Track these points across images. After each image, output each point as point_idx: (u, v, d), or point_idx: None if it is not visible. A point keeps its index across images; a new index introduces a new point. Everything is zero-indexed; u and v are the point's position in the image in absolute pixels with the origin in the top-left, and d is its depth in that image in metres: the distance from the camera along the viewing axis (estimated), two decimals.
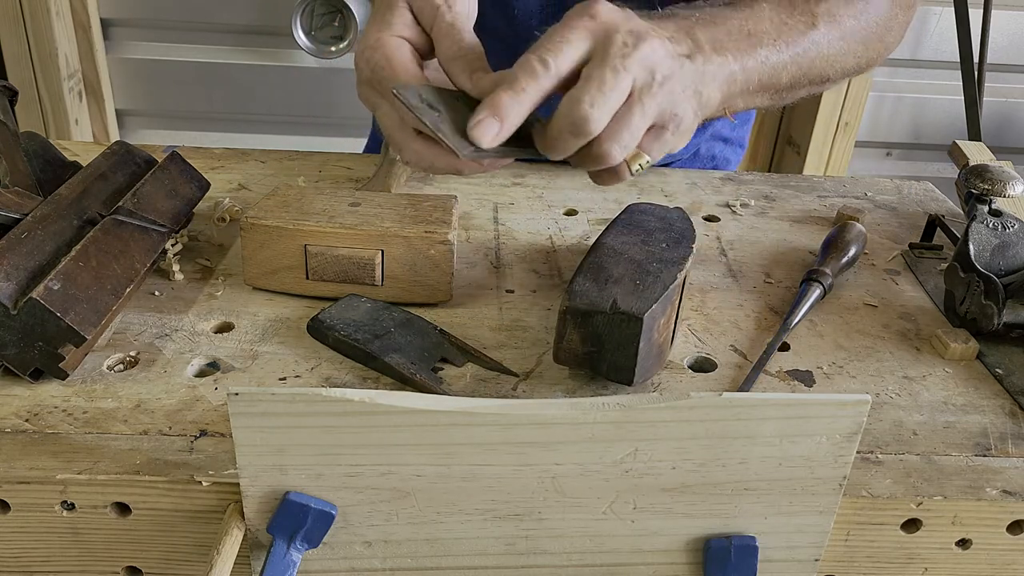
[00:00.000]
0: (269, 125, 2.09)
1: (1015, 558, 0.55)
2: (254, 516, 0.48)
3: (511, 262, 0.77)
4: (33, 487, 0.49)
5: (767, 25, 0.68)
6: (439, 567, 0.50)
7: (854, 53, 0.75)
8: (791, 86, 0.71)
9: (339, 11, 1.92)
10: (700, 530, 0.49)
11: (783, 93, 0.71)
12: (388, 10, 0.61)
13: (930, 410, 0.60)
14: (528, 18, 0.91)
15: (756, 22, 0.68)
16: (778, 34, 0.69)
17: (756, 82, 0.67)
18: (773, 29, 0.69)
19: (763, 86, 0.68)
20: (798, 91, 0.73)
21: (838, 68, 0.74)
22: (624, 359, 0.57)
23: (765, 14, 0.69)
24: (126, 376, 0.59)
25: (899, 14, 0.79)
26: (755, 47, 0.67)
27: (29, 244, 0.59)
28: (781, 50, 0.69)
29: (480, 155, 0.55)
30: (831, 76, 0.74)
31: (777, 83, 0.69)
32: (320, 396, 0.43)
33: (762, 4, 0.69)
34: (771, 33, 0.69)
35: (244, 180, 0.90)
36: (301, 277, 0.67)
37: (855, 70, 0.77)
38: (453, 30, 0.59)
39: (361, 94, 0.63)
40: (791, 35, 0.70)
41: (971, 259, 0.67)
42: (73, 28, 1.90)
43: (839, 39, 0.73)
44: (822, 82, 0.75)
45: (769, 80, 0.68)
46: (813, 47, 0.71)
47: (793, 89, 0.72)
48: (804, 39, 0.71)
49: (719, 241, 0.83)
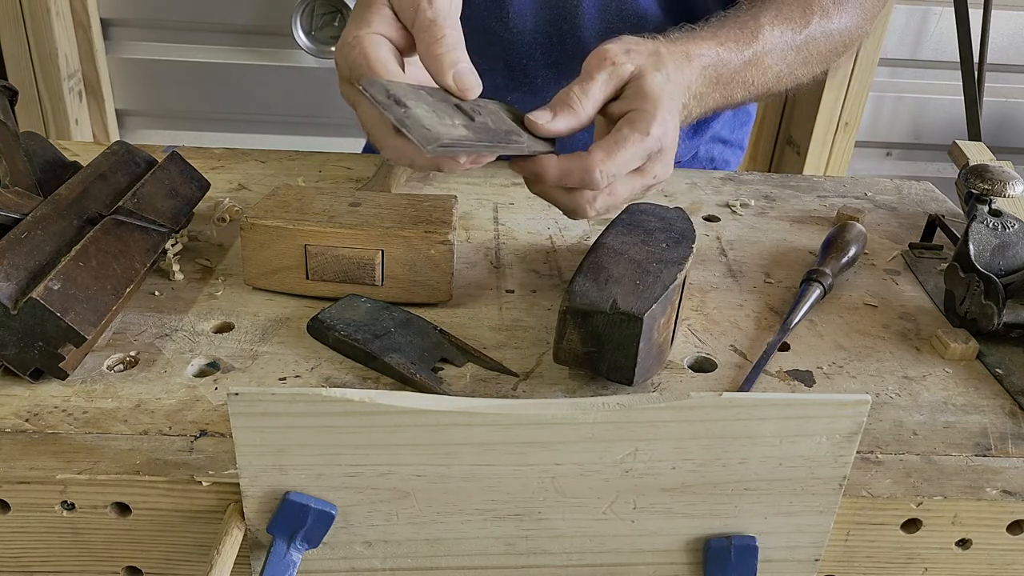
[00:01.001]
0: (269, 125, 2.09)
1: (1015, 558, 0.55)
2: (254, 516, 0.48)
3: (511, 262, 0.77)
4: (33, 487, 0.49)
5: (773, 69, 0.76)
6: (439, 567, 0.50)
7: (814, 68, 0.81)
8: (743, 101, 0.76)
9: (339, 11, 1.92)
10: (700, 530, 0.49)
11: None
12: (367, 8, 0.61)
13: (930, 410, 0.60)
14: (522, 19, 0.91)
15: (761, 68, 0.74)
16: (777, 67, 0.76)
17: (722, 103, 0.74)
18: (777, 67, 0.76)
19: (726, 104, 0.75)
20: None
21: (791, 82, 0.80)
22: (624, 359, 0.57)
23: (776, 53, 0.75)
24: (126, 376, 0.59)
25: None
26: (745, 87, 0.74)
27: (29, 244, 0.59)
28: (765, 80, 0.76)
29: (450, 151, 0.53)
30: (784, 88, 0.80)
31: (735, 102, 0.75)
32: (320, 396, 0.43)
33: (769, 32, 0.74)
34: (771, 73, 0.76)
35: (244, 180, 0.90)
36: (301, 277, 0.67)
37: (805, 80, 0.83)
38: (433, 26, 0.58)
39: (342, 92, 0.63)
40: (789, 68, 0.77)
41: (971, 259, 0.67)
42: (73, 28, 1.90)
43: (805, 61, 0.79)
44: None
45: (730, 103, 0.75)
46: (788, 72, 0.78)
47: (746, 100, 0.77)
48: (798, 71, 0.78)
49: (719, 241, 0.83)
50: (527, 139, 0.60)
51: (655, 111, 0.60)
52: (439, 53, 0.58)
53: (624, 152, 0.59)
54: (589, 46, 0.91)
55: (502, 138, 0.57)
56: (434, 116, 0.53)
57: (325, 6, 1.92)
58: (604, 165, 0.59)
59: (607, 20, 0.90)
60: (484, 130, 0.56)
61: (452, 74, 0.57)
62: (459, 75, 0.57)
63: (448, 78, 0.57)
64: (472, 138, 0.54)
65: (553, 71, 0.94)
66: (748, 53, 0.72)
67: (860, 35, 0.83)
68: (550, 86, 0.95)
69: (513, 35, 0.92)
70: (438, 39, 0.58)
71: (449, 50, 0.58)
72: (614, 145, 0.59)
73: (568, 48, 0.92)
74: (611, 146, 0.59)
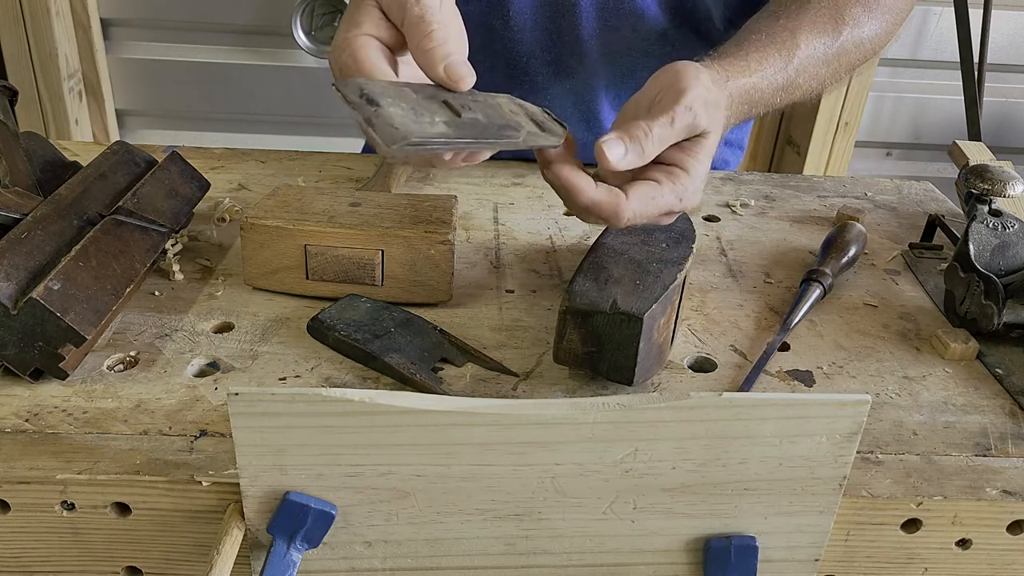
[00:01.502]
0: (269, 125, 2.09)
1: (1015, 558, 0.55)
2: (254, 516, 0.48)
3: (511, 262, 0.77)
4: (33, 487, 0.49)
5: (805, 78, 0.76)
6: (439, 567, 0.50)
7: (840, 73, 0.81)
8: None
9: (339, 11, 1.92)
10: (700, 530, 0.49)
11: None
12: (356, 10, 0.60)
13: (930, 410, 0.60)
14: (522, 16, 0.91)
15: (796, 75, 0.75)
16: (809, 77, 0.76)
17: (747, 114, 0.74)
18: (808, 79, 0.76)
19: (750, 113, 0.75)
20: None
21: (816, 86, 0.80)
22: (624, 359, 0.57)
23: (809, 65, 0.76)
24: (126, 376, 0.59)
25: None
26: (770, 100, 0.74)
27: (29, 244, 0.59)
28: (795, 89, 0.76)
29: (421, 149, 0.51)
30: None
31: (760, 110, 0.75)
32: (320, 396, 0.43)
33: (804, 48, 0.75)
34: (800, 86, 0.76)
35: (244, 180, 0.90)
36: (301, 277, 0.67)
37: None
38: (422, 22, 0.58)
39: (336, 93, 0.63)
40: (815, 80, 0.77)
41: (971, 259, 0.67)
42: (73, 28, 1.90)
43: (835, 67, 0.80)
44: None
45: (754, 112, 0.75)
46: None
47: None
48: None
49: (719, 241, 0.83)
50: (525, 133, 0.59)
51: (699, 175, 0.61)
52: (429, 48, 0.57)
53: (656, 208, 0.60)
54: (588, 43, 0.92)
55: (493, 133, 0.56)
56: (410, 114, 0.52)
57: (325, 6, 1.92)
58: (634, 215, 0.58)
59: (605, 18, 0.90)
60: (470, 126, 0.55)
61: (443, 67, 0.57)
62: (450, 67, 0.57)
63: (439, 70, 0.57)
64: (451, 135, 0.53)
65: (553, 68, 0.94)
66: (782, 79, 0.73)
67: (888, 41, 0.83)
68: (550, 83, 0.95)
69: (514, 33, 0.92)
70: (427, 34, 0.57)
71: (440, 44, 0.57)
72: (650, 201, 0.59)
73: (568, 46, 0.92)
74: (647, 200, 0.59)
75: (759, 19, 0.77)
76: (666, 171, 0.60)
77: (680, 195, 0.60)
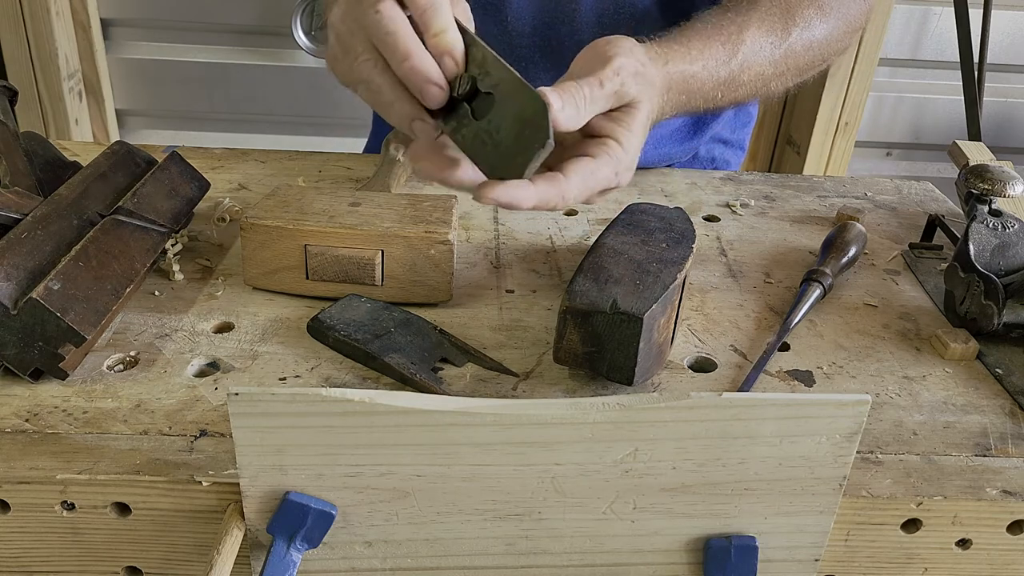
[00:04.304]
0: (269, 125, 2.09)
1: (1015, 558, 0.55)
2: (254, 516, 0.48)
3: (511, 262, 0.77)
4: (33, 487, 0.49)
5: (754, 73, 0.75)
6: (439, 567, 0.50)
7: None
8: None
9: None
10: (700, 530, 0.49)
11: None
12: None
13: (930, 410, 0.60)
14: (520, 21, 0.91)
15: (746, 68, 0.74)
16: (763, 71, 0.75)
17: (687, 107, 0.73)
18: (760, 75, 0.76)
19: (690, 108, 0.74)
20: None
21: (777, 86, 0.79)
22: (624, 359, 0.57)
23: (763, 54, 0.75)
24: (126, 376, 0.59)
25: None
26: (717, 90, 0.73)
27: (29, 244, 0.59)
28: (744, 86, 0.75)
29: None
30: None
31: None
32: (320, 396, 0.43)
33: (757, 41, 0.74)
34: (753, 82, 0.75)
35: (244, 180, 0.90)
36: (301, 277, 0.67)
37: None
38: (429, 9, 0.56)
39: (338, 71, 0.60)
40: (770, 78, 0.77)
41: (971, 259, 0.67)
42: (73, 28, 1.90)
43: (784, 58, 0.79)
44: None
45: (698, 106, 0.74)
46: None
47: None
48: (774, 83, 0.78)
49: (719, 241, 0.83)
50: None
51: (633, 148, 0.60)
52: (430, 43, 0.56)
53: (596, 183, 0.58)
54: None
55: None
56: None
57: None
58: (577, 192, 0.57)
59: (603, 22, 0.90)
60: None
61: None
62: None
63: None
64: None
65: (552, 73, 0.94)
66: (724, 72, 0.72)
67: (840, 49, 0.82)
68: (548, 85, 0.95)
69: (512, 37, 0.92)
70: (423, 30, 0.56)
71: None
72: (590, 176, 0.58)
73: (566, 50, 0.92)
74: (587, 175, 0.58)
75: (709, 12, 0.76)
76: (599, 143, 0.59)
77: (616, 169, 0.59)
